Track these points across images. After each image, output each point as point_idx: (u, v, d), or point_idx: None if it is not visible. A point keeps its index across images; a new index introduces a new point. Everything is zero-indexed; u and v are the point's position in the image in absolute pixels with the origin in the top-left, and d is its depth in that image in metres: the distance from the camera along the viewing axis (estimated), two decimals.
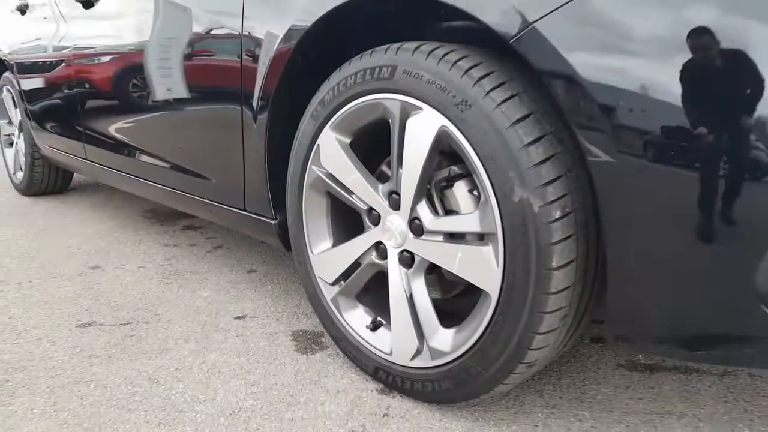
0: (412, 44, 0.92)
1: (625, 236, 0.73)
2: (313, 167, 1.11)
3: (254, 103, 1.20)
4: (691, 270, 0.70)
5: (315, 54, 1.12)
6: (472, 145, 0.83)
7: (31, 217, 2.49)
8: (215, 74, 1.34)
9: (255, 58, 1.18)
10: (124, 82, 1.75)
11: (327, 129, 1.06)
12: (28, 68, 2.52)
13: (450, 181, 0.95)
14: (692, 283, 0.71)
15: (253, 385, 1.11)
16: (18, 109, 2.82)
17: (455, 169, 0.94)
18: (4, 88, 2.96)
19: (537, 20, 0.73)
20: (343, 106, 1.02)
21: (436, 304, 0.98)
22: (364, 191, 1.04)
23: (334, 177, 1.08)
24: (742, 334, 0.71)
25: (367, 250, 1.07)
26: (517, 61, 0.81)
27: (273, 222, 1.28)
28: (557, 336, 0.84)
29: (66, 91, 2.15)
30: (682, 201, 0.67)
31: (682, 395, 1.07)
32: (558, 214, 0.77)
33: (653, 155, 0.68)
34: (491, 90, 0.81)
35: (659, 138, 0.67)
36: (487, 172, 0.82)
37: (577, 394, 1.07)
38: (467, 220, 0.89)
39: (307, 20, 1.04)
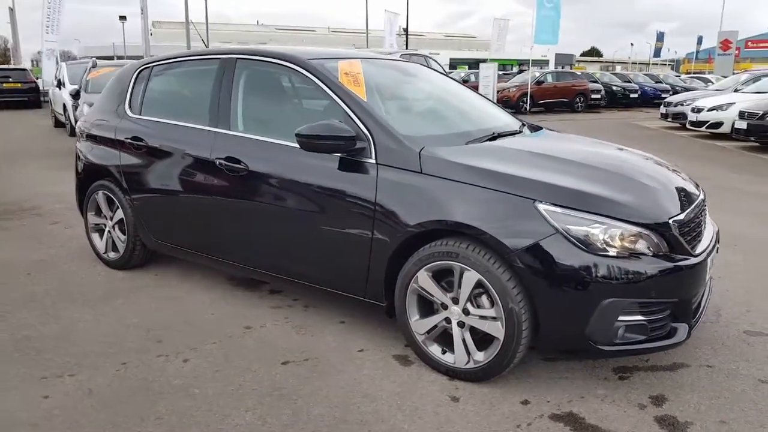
0: (464, 243, 2.37)
1: (551, 315, 2.25)
2: (414, 284, 2.54)
3: (377, 252, 2.60)
4: (568, 322, 2.24)
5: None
6: (492, 286, 2.31)
7: (152, 291, 3.58)
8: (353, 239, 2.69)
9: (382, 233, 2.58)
10: (264, 216, 3.03)
11: (422, 270, 2.49)
12: (142, 186, 3.65)
13: (480, 295, 2.42)
14: (569, 326, 2.26)
15: (393, 381, 2.52)
16: (119, 209, 3.92)
17: (482, 290, 2.41)
18: (101, 191, 4.05)
19: (526, 246, 2.23)
20: (430, 262, 2.46)
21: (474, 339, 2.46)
22: (440, 297, 2.50)
23: (425, 289, 2.52)
24: (586, 348, 2.26)
25: (440, 321, 2.52)
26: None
27: (384, 305, 2.69)
28: (523, 351, 2.35)
29: (204, 215, 3.32)
30: (562, 298, 2.21)
31: (562, 374, 2.62)
32: (524, 312, 2.27)
33: (544, 273, 2.20)
34: (497, 267, 2.29)
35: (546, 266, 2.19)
36: (498, 296, 2.30)
37: (523, 372, 2.60)
38: (490, 312, 2.37)
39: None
